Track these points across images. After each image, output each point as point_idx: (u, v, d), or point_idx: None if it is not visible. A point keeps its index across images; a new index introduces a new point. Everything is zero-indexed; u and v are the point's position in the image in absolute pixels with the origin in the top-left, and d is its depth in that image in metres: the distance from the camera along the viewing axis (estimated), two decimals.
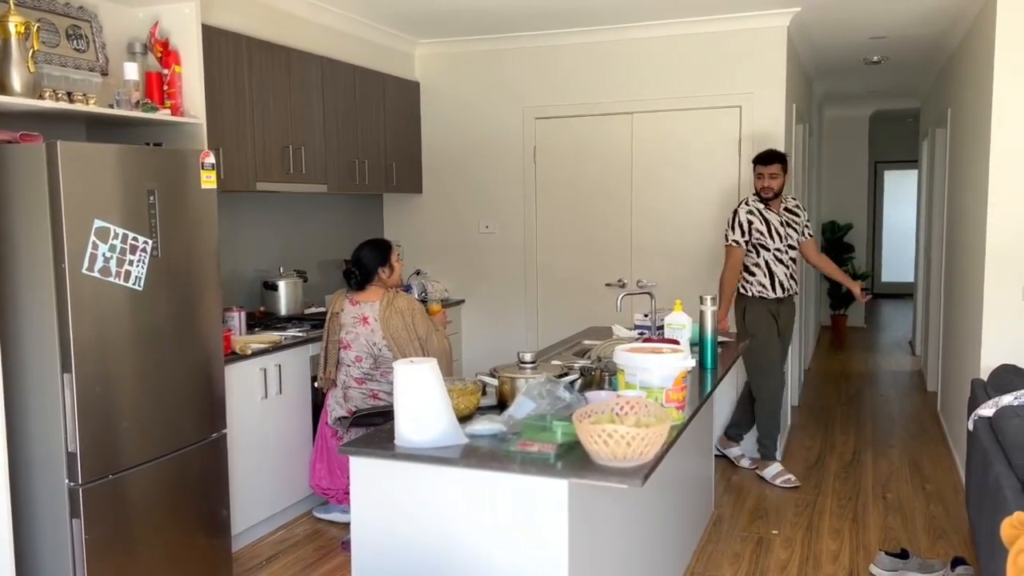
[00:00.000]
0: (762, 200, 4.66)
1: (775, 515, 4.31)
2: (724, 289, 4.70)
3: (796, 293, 4.86)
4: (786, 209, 4.76)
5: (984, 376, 3.96)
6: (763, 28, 4.98)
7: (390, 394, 3.89)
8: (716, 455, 4.92)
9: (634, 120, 5.33)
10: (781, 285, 4.71)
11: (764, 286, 4.69)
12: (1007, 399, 3.23)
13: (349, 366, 3.95)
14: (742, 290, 4.75)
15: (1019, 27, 3.96)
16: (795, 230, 4.75)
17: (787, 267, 4.72)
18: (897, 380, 7.50)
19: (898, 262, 12.25)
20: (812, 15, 4.97)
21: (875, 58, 6.42)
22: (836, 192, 10.30)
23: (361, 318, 3.91)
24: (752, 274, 4.70)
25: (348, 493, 4.07)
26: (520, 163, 5.61)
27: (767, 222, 4.66)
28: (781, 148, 5.01)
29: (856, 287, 4.96)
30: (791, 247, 4.74)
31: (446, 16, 4.98)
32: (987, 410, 3.29)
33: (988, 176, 4.08)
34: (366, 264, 3.96)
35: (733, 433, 5.07)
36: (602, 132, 5.40)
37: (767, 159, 4.61)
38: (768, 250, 4.67)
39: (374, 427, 3.55)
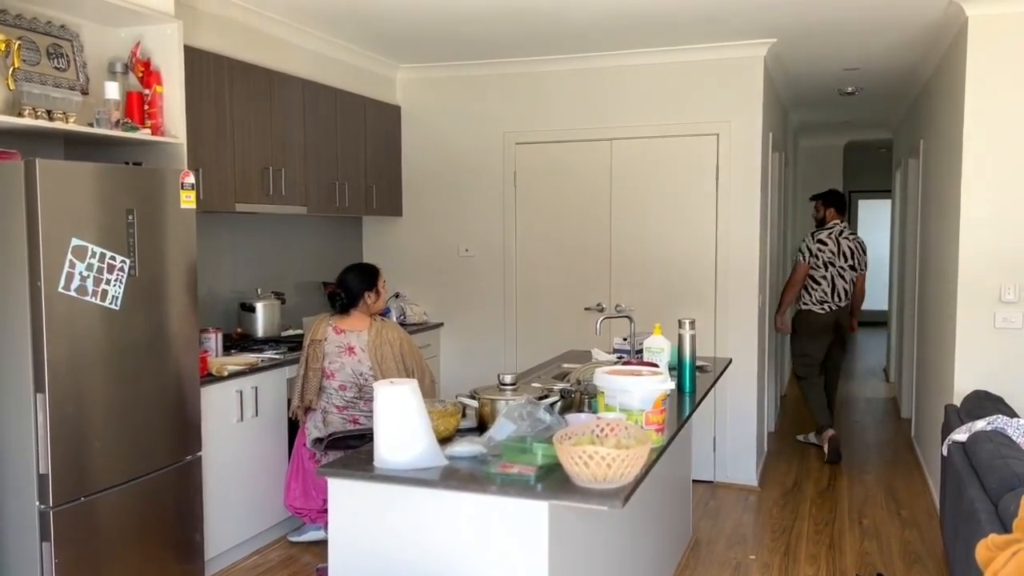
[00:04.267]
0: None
1: (753, 540, 4.31)
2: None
3: (801, 308, 6.00)
4: None
5: (957, 402, 4.01)
6: (740, 58, 5.06)
7: (370, 418, 3.86)
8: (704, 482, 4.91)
9: (613, 146, 5.38)
10: None
11: None
12: (980, 424, 3.26)
13: (331, 394, 3.91)
14: None
15: (989, 59, 4.06)
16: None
17: None
18: (872, 407, 7.56)
19: (872, 290, 12.33)
20: (788, 46, 5.07)
21: (849, 89, 6.54)
22: (812, 220, 10.41)
23: (347, 348, 3.86)
24: None
25: (321, 512, 4.04)
26: (500, 187, 5.64)
27: None
28: (757, 175, 5.09)
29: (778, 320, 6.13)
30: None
31: (427, 41, 5.02)
32: (961, 435, 3.33)
33: (960, 205, 4.16)
34: (352, 288, 3.90)
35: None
36: (582, 158, 5.45)
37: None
38: None
39: (351, 449, 3.54)
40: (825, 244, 5.86)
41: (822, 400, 5.93)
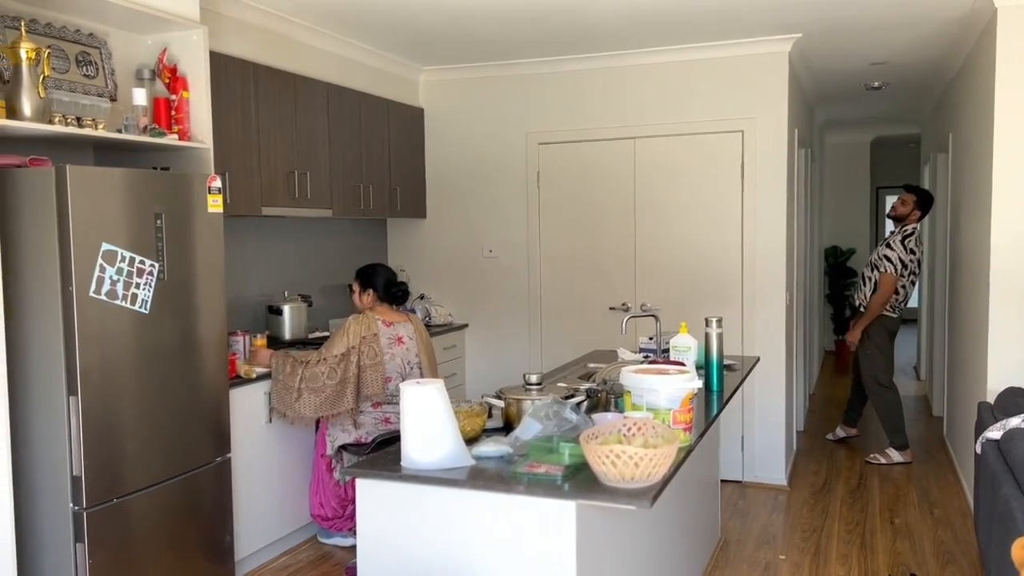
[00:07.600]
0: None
1: (782, 540, 4.27)
2: None
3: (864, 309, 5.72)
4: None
5: (991, 399, 3.95)
6: (765, 54, 5.02)
7: None
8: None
9: (637, 145, 5.36)
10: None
11: None
12: (1015, 421, 3.21)
13: None
14: None
15: (1019, 51, 3.99)
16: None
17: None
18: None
19: None
20: (813, 41, 5.02)
21: (876, 84, 6.47)
22: (838, 217, 10.33)
23: (396, 339, 3.95)
24: None
25: (337, 519, 4.08)
26: (523, 188, 5.64)
27: None
28: (783, 172, 5.04)
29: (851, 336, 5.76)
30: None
31: (450, 43, 5.03)
32: (995, 433, 3.28)
33: (991, 200, 4.10)
34: (405, 283, 4.11)
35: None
36: (605, 157, 5.43)
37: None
38: None
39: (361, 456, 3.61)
40: (914, 253, 5.61)
41: (902, 415, 5.70)
